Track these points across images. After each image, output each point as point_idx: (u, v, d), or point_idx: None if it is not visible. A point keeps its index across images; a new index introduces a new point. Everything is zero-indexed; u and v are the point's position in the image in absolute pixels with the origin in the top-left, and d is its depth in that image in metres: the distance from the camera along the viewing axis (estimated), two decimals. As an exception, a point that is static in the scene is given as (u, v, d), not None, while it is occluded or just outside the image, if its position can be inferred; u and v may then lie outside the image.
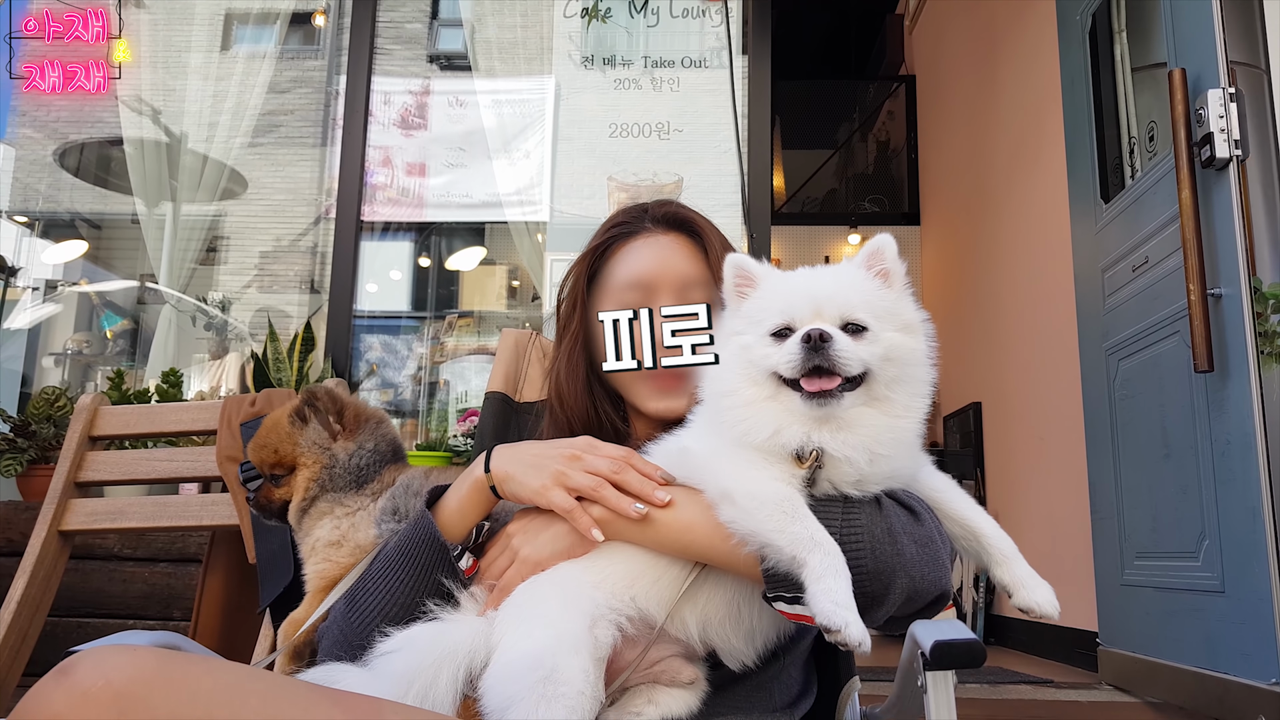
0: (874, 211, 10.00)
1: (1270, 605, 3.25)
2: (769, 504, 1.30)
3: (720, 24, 5.52)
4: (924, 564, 1.34)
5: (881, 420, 1.36)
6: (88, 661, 1.05)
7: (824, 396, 1.32)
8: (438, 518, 1.54)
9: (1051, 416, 5.67)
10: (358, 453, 1.78)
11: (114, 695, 1.03)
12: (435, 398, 6.14)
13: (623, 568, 1.44)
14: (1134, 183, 4.36)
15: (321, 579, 1.71)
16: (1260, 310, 3.39)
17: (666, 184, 5.40)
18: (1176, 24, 3.90)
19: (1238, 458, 3.43)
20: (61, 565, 2.54)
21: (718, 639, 1.44)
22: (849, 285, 1.41)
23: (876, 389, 1.36)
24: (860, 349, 1.34)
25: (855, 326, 1.36)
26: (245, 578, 2.34)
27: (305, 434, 1.78)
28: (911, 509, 1.39)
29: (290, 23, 6.49)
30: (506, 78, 5.94)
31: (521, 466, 1.51)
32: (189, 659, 1.13)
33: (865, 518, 1.34)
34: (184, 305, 6.10)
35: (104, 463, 2.61)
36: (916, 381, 1.40)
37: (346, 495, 1.76)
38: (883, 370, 1.36)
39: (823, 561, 1.24)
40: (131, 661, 1.06)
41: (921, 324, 1.44)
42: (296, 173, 6.45)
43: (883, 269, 1.43)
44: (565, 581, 1.42)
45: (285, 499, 1.78)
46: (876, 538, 1.32)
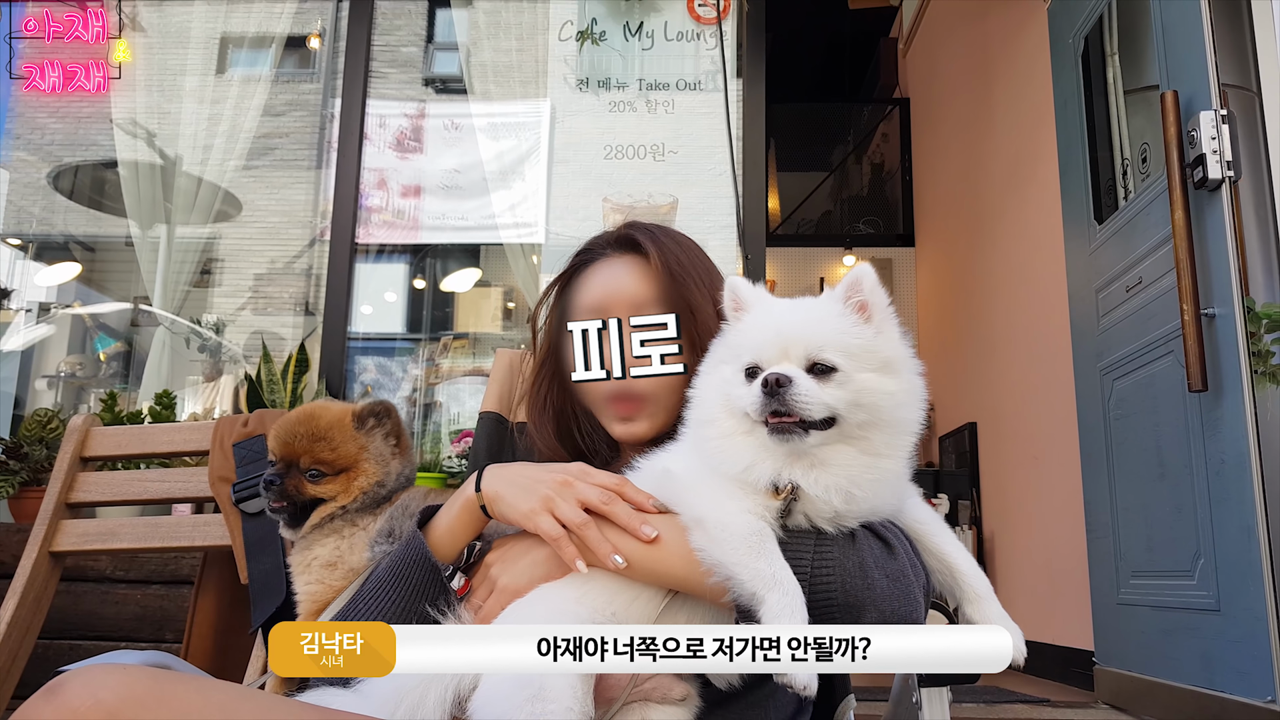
0: (869, 233, 10.04)
1: (1266, 624, 3.25)
2: (737, 536, 1.29)
3: (715, 47, 5.53)
4: (895, 598, 1.33)
5: (859, 459, 1.34)
6: (77, 680, 1.05)
7: (786, 432, 1.31)
8: (429, 538, 1.54)
9: (1046, 436, 5.68)
10: (401, 474, 1.79)
11: (104, 715, 1.02)
12: (430, 419, 6.13)
13: (601, 584, 1.43)
14: (1127, 204, 4.37)
15: (314, 602, 1.71)
16: (1254, 330, 3.40)
17: (661, 205, 5.40)
18: (1169, 47, 3.92)
19: (1232, 477, 3.43)
20: (52, 586, 2.52)
21: None
22: (819, 322, 1.37)
23: (848, 429, 1.33)
24: (825, 393, 1.31)
25: (823, 367, 1.32)
26: (237, 599, 2.32)
27: (374, 441, 1.78)
28: (886, 542, 1.38)
29: (285, 46, 6.49)
30: (502, 101, 5.95)
31: (512, 489, 1.50)
32: (180, 678, 1.12)
33: (838, 551, 1.33)
34: (177, 328, 6.08)
35: (95, 483, 2.59)
36: (897, 423, 1.36)
37: (361, 516, 1.76)
38: (851, 414, 1.32)
39: (779, 601, 1.22)
40: (122, 681, 1.05)
41: (906, 360, 1.38)
42: (291, 195, 6.44)
43: (860, 301, 1.37)
44: (549, 599, 1.42)
45: (316, 497, 1.76)
46: (848, 571, 1.32)
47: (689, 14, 5.59)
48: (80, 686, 1.04)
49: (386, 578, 1.53)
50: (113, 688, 1.04)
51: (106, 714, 1.02)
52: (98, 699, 1.02)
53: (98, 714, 1.02)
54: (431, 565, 1.50)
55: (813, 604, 1.27)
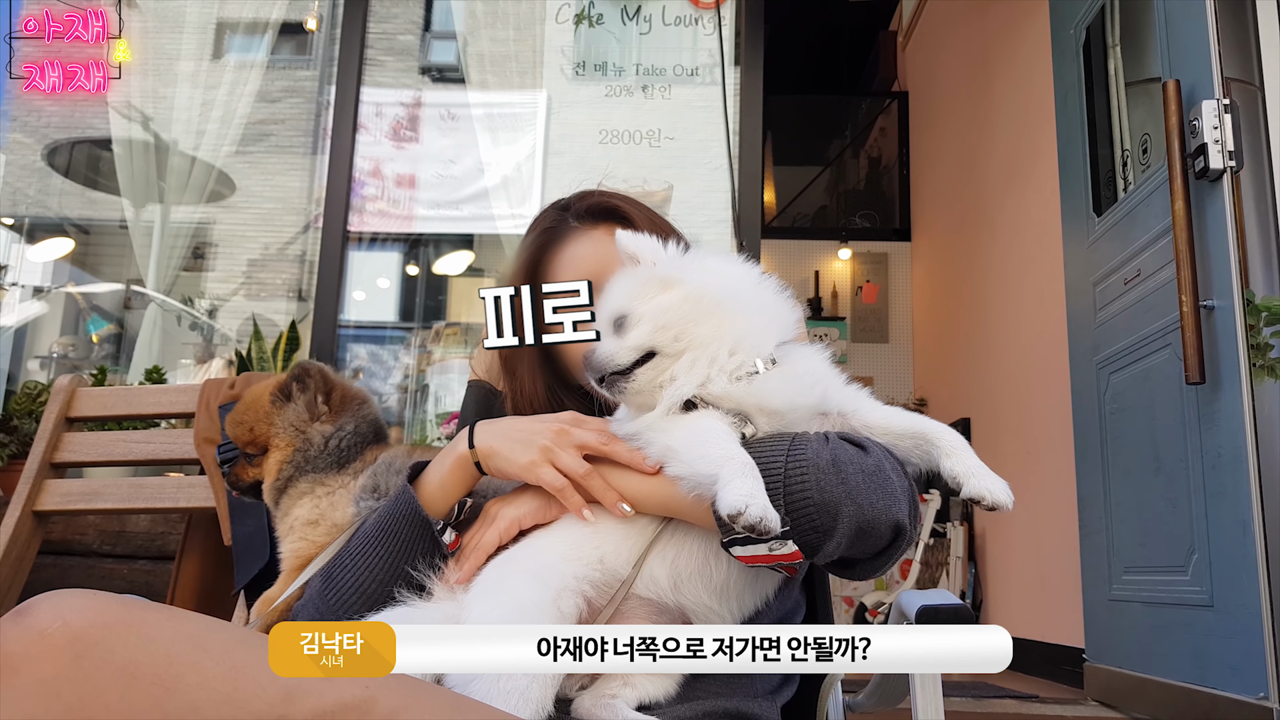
0: (865, 227, 10.02)
1: (1259, 619, 3.23)
2: (695, 436, 1.35)
3: (713, 33, 5.51)
4: (871, 491, 1.32)
5: (703, 354, 1.41)
6: (46, 603, 1.02)
7: (611, 387, 1.43)
8: (419, 494, 1.51)
9: (1041, 430, 5.66)
10: (336, 434, 1.75)
11: (70, 637, 0.99)
12: (421, 407, 6.11)
13: (590, 529, 1.44)
14: (1127, 196, 4.36)
15: (297, 558, 1.69)
16: (1253, 323, 3.38)
17: (656, 191, 5.38)
18: (1171, 38, 3.91)
19: (1228, 471, 3.41)
20: (34, 547, 2.50)
21: (689, 595, 1.42)
22: (610, 292, 1.48)
23: (669, 348, 1.42)
24: (626, 339, 1.42)
25: (619, 321, 1.44)
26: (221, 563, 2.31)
27: (284, 414, 1.75)
28: (860, 445, 1.38)
29: (281, 32, 6.47)
30: (498, 90, 5.93)
31: (507, 442, 1.49)
32: (151, 606, 1.09)
33: (810, 452, 1.33)
34: (169, 307, 6.06)
35: (80, 444, 2.57)
36: (712, 309, 1.43)
37: (327, 475, 1.73)
38: (662, 336, 1.42)
39: (731, 469, 1.26)
40: (91, 605, 1.02)
41: (687, 267, 1.48)
42: (286, 181, 6.42)
43: (629, 256, 1.50)
44: (534, 554, 1.42)
45: (258, 478, 1.76)
46: (821, 469, 1.31)
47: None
48: (49, 609, 1.01)
49: (374, 533, 1.51)
50: (81, 610, 1.01)
51: (73, 635, 0.99)
52: (65, 621, 1.00)
53: (64, 635, 0.99)
54: (421, 520, 1.47)
55: (790, 506, 1.29)
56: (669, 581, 1.41)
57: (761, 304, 1.48)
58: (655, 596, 1.42)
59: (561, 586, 1.34)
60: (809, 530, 1.29)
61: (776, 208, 10.44)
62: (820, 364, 1.49)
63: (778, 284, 1.53)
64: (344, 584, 1.49)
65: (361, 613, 1.44)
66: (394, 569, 1.47)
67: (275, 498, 1.74)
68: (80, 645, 0.99)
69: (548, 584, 1.33)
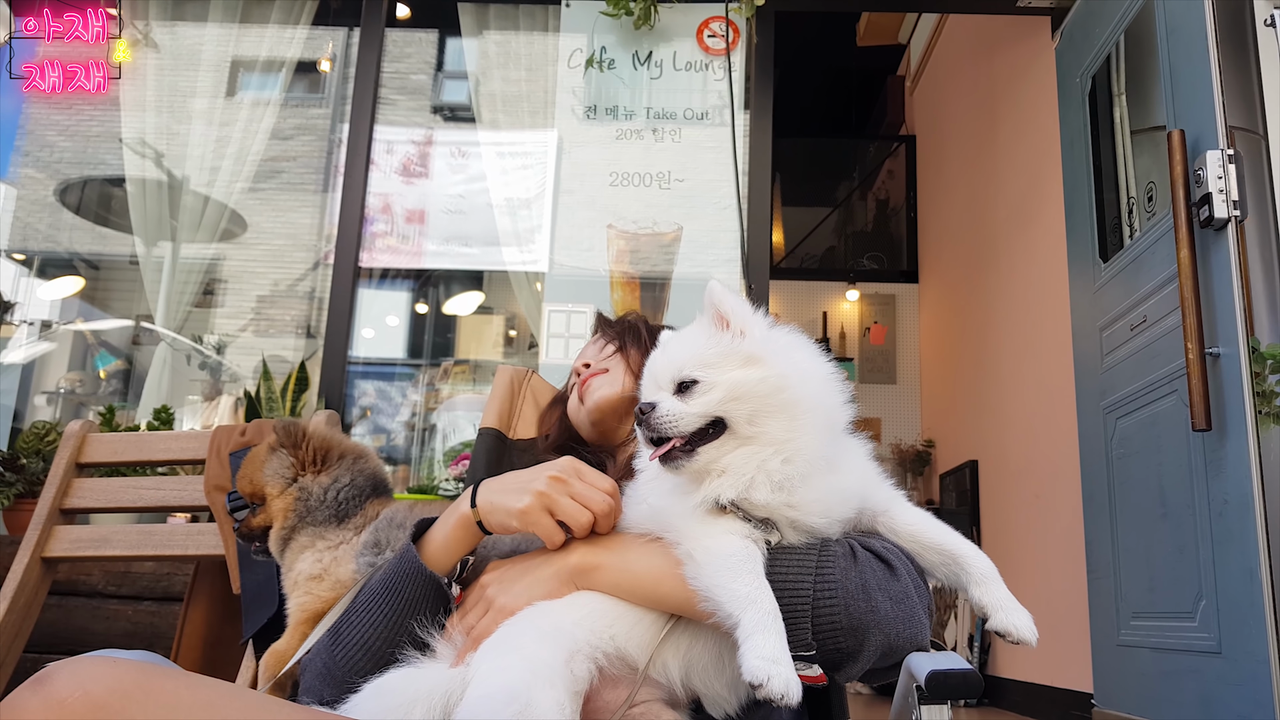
0: (872, 269, 10.05)
1: (1267, 667, 3.21)
2: (718, 559, 1.30)
3: (723, 79, 5.55)
4: (899, 621, 1.33)
5: (762, 451, 1.36)
6: (65, 671, 1.03)
7: (671, 460, 1.36)
8: (423, 552, 1.52)
9: (1048, 475, 5.65)
10: (333, 486, 1.78)
11: (91, 705, 1.00)
12: (429, 444, 6.12)
13: (604, 607, 1.41)
14: (1132, 242, 4.37)
15: (304, 612, 1.70)
16: (1258, 370, 3.39)
17: (666, 232, 5.41)
18: (1176, 87, 3.93)
19: (1235, 518, 3.41)
20: (43, 593, 2.50)
21: (701, 685, 1.41)
22: (678, 347, 1.44)
23: (740, 429, 1.36)
24: (691, 405, 1.36)
25: (685, 384, 1.38)
26: (228, 611, 2.31)
27: (270, 465, 1.79)
28: (888, 563, 1.38)
29: (296, 71, 6.52)
30: (509, 130, 5.97)
31: (504, 494, 1.49)
32: (168, 673, 1.10)
33: (839, 573, 1.33)
34: (179, 345, 6.08)
35: (90, 490, 2.58)
36: (785, 405, 1.37)
37: (327, 529, 1.76)
38: (735, 410, 1.36)
39: (754, 619, 1.22)
40: (110, 673, 1.03)
41: (774, 348, 1.42)
42: (297, 218, 6.46)
43: (716, 313, 1.43)
44: (544, 617, 1.40)
45: (264, 525, 1.80)
46: (850, 593, 1.31)
47: (698, 44, 5.61)
48: (68, 677, 1.02)
49: (379, 590, 1.52)
50: (100, 679, 1.02)
51: (93, 705, 1.00)
52: (85, 690, 1.01)
53: (84, 705, 1.00)
54: (425, 577, 1.48)
55: (817, 628, 1.28)
56: (680, 672, 1.40)
57: (828, 408, 1.42)
58: (665, 682, 1.40)
59: (574, 650, 1.31)
60: (834, 652, 1.29)
61: (785, 249, 10.46)
62: (863, 465, 1.47)
63: (840, 375, 1.48)
64: (350, 641, 1.50)
65: (368, 669, 1.43)
66: (399, 626, 1.47)
67: (280, 548, 1.77)
68: (100, 714, 1.00)
69: (560, 645, 1.31)
